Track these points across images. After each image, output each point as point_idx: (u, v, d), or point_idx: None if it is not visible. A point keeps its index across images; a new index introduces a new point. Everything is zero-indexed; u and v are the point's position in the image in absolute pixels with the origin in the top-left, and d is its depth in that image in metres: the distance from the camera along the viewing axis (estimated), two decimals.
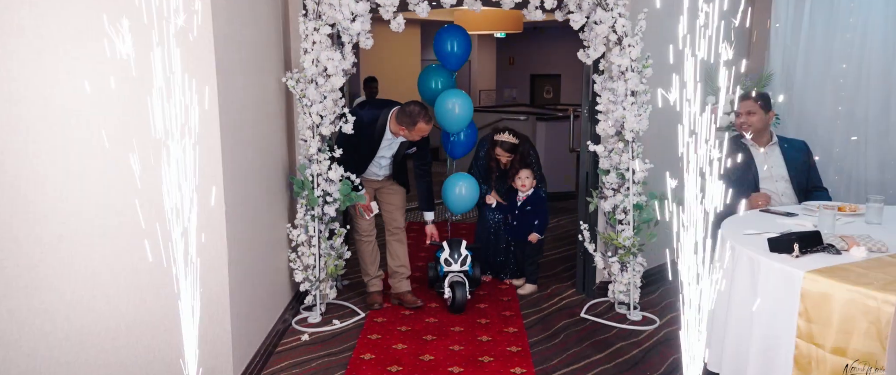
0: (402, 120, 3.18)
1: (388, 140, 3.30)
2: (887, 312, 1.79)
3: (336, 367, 2.82)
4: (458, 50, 4.03)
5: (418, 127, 3.16)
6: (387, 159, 3.38)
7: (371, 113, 3.28)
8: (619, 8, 3.13)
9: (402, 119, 3.19)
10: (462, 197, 3.85)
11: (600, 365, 2.85)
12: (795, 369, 2.01)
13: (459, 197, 3.86)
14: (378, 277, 3.59)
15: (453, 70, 4.15)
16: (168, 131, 1.67)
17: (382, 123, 3.26)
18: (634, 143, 3.20)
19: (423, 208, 3.58)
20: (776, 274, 2.11)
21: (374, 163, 3.37)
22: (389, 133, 3.27)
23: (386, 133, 3.27)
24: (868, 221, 2.61)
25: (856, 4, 3.71)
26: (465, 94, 4.02)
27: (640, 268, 3.32)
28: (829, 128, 3.89)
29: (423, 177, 3.50)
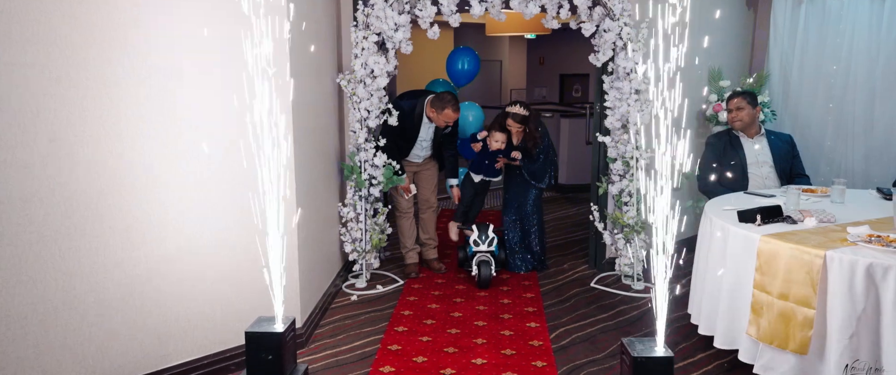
0: (435, 105, 3.80)
1: (426, 125, 3.91)
2: (817, 263, 2.26)
3: (380, 320, 3.40)
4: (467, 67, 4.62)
5: (445, 112, 3.77)
6: (427, 141, 3.99)
7: (410, 103, 3.90)
8: (624, 18, 3.62)
9: (435, 104, 3.81)
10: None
11: (603, 323, 3.35)
12: (752, 313, 2.49)
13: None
14: (414, 250, 4.16)
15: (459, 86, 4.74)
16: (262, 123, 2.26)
17: (420, 110, 3.87)
18: (638, 135, 3.68)
19: (448, 176, 4.20)
20: (740, 239, 2.60)
21: (417, 145, 3.97)
22: (426, 118, 3.88)
23: (423, 118, 3.88)
24: (832, 201, 3.06)
25: (844, 12, 4.11)
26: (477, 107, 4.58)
27: (643, 244, 3.81)
28: (820, 123, 4.30)
29: (449, 150, 4.11)
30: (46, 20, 2.11)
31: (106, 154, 2.30)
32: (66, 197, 2.22)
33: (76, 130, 2.21)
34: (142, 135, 2.39)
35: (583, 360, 2.91)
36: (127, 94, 2.33)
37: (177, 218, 2.54)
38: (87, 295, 2.32)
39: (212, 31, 2.51)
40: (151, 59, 2.38)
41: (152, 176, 2.44)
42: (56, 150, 2.17)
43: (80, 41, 2.19)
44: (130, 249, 2.41)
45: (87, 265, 2.30)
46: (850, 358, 2.20)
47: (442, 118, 3.80)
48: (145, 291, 2.48)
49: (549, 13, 3.78)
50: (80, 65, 2.20)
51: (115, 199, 2.35)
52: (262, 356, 2.39)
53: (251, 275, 2.74)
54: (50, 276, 2.21)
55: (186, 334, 2.62)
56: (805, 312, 2.31)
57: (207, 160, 2.59)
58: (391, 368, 2.82)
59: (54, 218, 2.19)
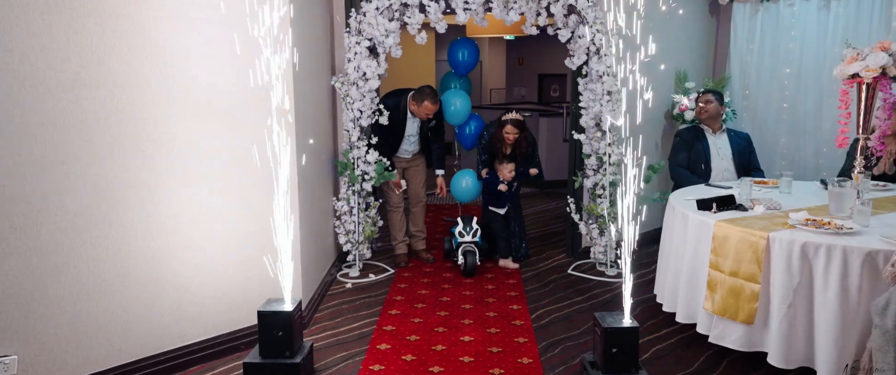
0: (416, 98, 4.07)
1: (411, 120, 4.19)
2: (762, 244, 2.60)
3: (375, 304, 3.67)
4: (467, 58, 4.86)
5: (424, 105, 4.03)
6: (414, 136, 4.25)
7: (394, 100, 4.17)
8: (597, 25, 3.95)
9: (415, 97, 4.08)
10: (466, 188, 4.62)
11: (579, 305, 3.67)
12: (708, 290, 2.83)
13: (465, 189, 4.62)
14: (403, 241, 4.44)
15: (462, 75, 4.96)
16: (271, 126, 2.53)
17: (404, 106, 4.14)
18: (609, 133, 4.01)
19: (435, 166, 4.44)
20: (698, 224, 2.93)
21: (405, 140, 4.23)
22: (410, 114, 4.15)
23: (408, 114, 4.15)
24: (781, 191, 3.42)
25: (796, 19, 4.50)
26: (464, 94, 4.78)
27: (615, 234, 4.14)
28: (776, 121, 4.68)
29: (436, 142, 4.37)
30: (80, 27, 2.34)
31: (131, 151, 2.54)
32: (96, 190, 2.45)
33: (104, 129, 2.45)
34: (164, 134, 2.63)
35: (561, 336, 3.22)
36: (150, 97, 2.57)
37: (193, 210, 2.78)
38: (114, 279, 2.55)
39: (225, 41, 2.76)
40: (171, 65, 2.63)
41: (172, 171, 2.69)
42: (88, 148, 2.41)
43: (104, 49, 2.43)
44: (151, 238, 2.65)
45: (113, 252, 2.54)
46: (789, 325, 2.55)
47: (422, 111, 4.05)
48: (164, 276, 2.72)
49: (529, 20, 4.09)
50: (108, 71, 2.43)
51: (138, 192, 2.59)
52: (273, 332, 2.66)
53: (258, 263, 2.99)
54: (82, 262, 2.44)
55: (201, 315, 2.87)
56: (751, 287, 2.65)
57: (220, 158, 2.84)
58: (387, 345, 3.10)
59: (85, 209, 2.43)
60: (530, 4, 4.02)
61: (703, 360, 2.91)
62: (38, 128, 2.27)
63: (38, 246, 2.31)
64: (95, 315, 2.51)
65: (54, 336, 2.40)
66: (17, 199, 2.25)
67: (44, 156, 2.29)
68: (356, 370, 2.83)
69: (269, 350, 2.66)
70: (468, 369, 2.85)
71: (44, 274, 2.34)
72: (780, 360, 2.59)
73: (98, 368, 2.54)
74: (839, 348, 2.43)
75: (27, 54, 2.21)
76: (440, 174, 4.46)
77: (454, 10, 4.05)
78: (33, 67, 2.23)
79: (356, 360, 2.93)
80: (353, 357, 2.96)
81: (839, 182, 2.88)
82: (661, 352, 3.01)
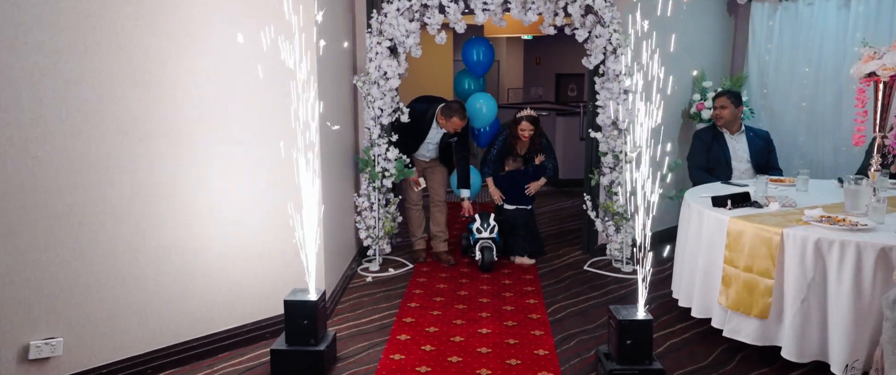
0: (445, 113, 4.15)
1: (435, 129, 4.27)
2: (776, 239, 2.65)
3: (394, 297, 3.77)
4: (482, 58, 4.94)
5: (452, 120, 4.12)
6: (433, 144, 4.34)
7: (424, 106, 4.26)
8: (614, 25, 4.00)
9: (444, 112, 4.15)
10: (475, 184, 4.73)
11: (594, 300, 3.74)
12: (722, 285, 2.88)
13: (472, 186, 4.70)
14: (422, 238, 4.53)
15: (480, 75, 5.05)
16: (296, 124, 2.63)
17: (431, 115, 4.23)
18: (626, 131, 4.06)
19: (459, 186, 4.47)
20: (713, 221, 2.98)
21: (424, 145, 4.33)
22: (436, 123, 4.23)
23: (433, 123, 4.24)
24: (797, 189, 3.45)
25: (814, 18, 4.51)
26: (491, 97, 4.90)
27: (631, 231, 4.19)
28: (794, 120, 4.69)
29: (461, 162, 4.41)
30: (120, 29, 2.47)
31: (164, 148, 2.67)
32: (132, 185, 2.58)
33: (140, 127, 2.58)
34: (195, 132, 2.76)
35: (576, 330, 3.29)
36: (181, 96, 2.70)
37: (221, 205, 2.90)
38: (148, 267, 2.68)
39: (256, 42, 2.88)
40: (203, 63, 2.75)
41: (202, 168, 2.81)
42: (126, 144, 2.54)
43: (142, 50, 2.56)
44: (183, 229, 2.78)
45: (148, 242, 2.67)
46: (802, 319, 2.59)
47: (450, 125, 4.14)
48: (195, 266, 2.85)
49: (546, 20, 4.16)
50: (145, 72, 2.56)
51: (171, 186, 2.71)
52: (298, 321, 2.77)
53: (283, 255, 3.10)
54: (119, 251, 2.58)
55: (229, 304, 2.99)
56: (765, 282, 2.69)
57: (248, 155, 2.96)
58: (407, 336, 3.19)
59: (123, 202, 2.56)
60: (548, 5, 4.09)
61: (718, 354, 2.96)
62: (81, 126, 2.40)
63: (80, 236, 2.45)
64: (132, 302, 2.64)
65: (94, 321, 2.54)
66: (63, 192, 2.38)
67: (86, 152, 2.43)
68: (377, 358, 2.93)
69: (295, 338, 2.77)
70: (485, 359, 2.93)
71: (85, 263, 2.48)
72: (794, 354, 2.63)
73: (135, 352, 2.68)
74: (852, 343, 2.47)
75: (72, 55, 2.35)
76: (466, 197, 4.46)
77: (473, 10, 4.13)
78: (78, 67, 2.37)
79: (377, 349, 3.03)
80: (375, 347, 3.06)
81: (855, 179, 2.91)
82: (675, 346, 3.07)
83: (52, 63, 2.30)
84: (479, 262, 4.23)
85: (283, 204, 3.01)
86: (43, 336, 2.40)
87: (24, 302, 2.34)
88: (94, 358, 2.56)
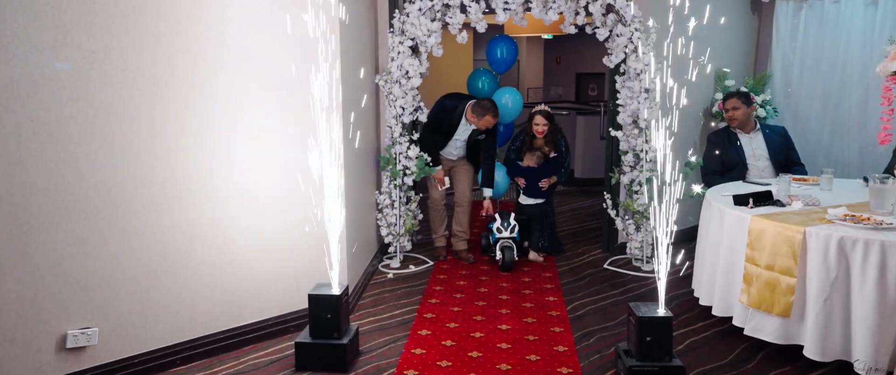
0: (476, 110, 4.13)
1: (464, 126, 4.26)
2: (798, 238, 2.64)
3: (415, 293, 3.82)
4: (506, 55, 4.97)
5: (485, 118, 4.11)
6: (461, 141, 4.34)
7: (453, 103, 4.26)
8: (635, 24, 4.01)
9: (475, 110, 4.13)
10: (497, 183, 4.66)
11: (614, 298, 3.75)
12: (743, 283, 2.87)
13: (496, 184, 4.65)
14: (443, 236, 4.57)
15: (501, 72, 5.07)
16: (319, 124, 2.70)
17: (461, 112, 4.22)
18: (646, 130, 4.06)
19: (483, 185, 4.44)
20: (734, 219, 2.98)
21: (451, 143, 4.33)
22: (465, 120, 4.23)
23: (462, 120, 4.24)
24: (822, 188, 3.42)
25: (841, 16, 4.45)
26: (516, 92, 4.94)
27: (650, 230, 4.18)
28: (819, 119, 4.64)
29: (487, 161, 4.38)
30: (154, 29, 2.56)
31: (196, 145, 2.75)
32: (163, 180, 2.67)
33: (171, 123, 2.66)
34: (222, 129, 2.84)
35: (596, 327, 3.31)
36: (210, 93, 2.78)
37: (249, 201, 2.98)
38: (178, 262, 2.77)
39: (280, 43, 2.95)
40: (234, 66, 2.83)
41: (232, 165, 2.89)
42: (158, 141, 2.63)
43: (173, 49, 2.64)
44: (211, 225, 2.86)
45: (178, 236, 2.75)
46: (825, 318, 2.58)
47: (482, 123, 4.12)
48: (223, 261, 2.93)
49: (567, 19, 4.17)
50: (175, 70, 2.65)
51: (201, 183, 2.80)
52: (322, 314, 2.83)
53: (307, 251, 3.17)
54: (152, 245, 2.67)
55: (254, 298, 3.07)
56: (787, 280, 2.68)
57: (274, 152, 3.03)
58: (427, 331, 3.24)
59: (155, 196, 2.65)
60: (569, 3, 4.10)
61: (739, 352, 2.96)
62: (115, 122, 2.50)
63: (114, 231, 2.54)
64: (163, 294, 2.73)
65: (128, 312, 2.63)
66: (98, 186, 2.48)
67: (121, 148, 2.52)
68: (399, 353, 2.98)
69: (319, 331, 2.83)
70: (505, 355, 2.96)
71: (120, 255, 2.57)
72: (817, 353, 2.62)
73: (165, 343, 2.77)
74: (876, 342, 2.46)
75: (108, 55, 2.44)
76: (488, 195, 4.43)
77: (494, 10, 4.17)
78: (113, 67, 2.46)
79: (398, 344, 3.09)
80: (396, 342, 3.12)
81: (880, 178, 2.88)
82: (696, 344, 3.07)
83: (88, 62, 2.39)
84: (500, 262, 4.23)
85: (307, 202, 3.08)
86: (79, 325, 2.50)
87: (61, 293, 2.44)
88: (127, 348, 2.65)
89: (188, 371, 2.80)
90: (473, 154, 4.45)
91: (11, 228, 2.29)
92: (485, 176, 4.43)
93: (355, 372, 2.81)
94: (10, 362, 2.35)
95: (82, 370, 2.53)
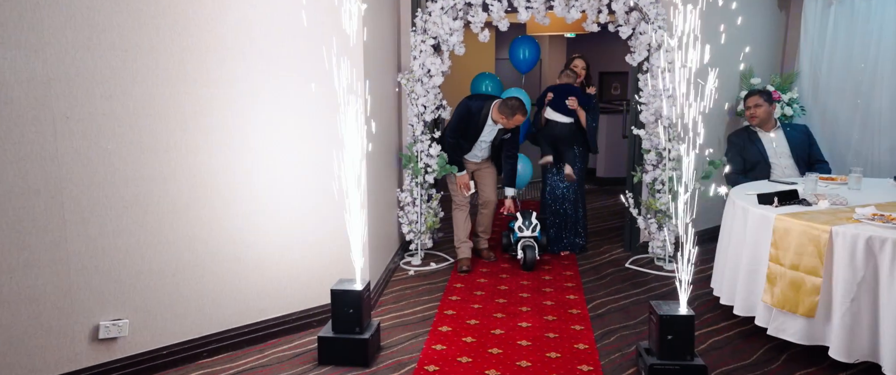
0: (503, 111, 3.99)
1: (490, 127, 4.14)
2: (824, 237, 2.60)
3: (436, 290, 3.85)
4: (529, 56, 4.97)
5: (515, 118, 4.00)
6: (487, 142, 4.23)
7: (478, 104, 4.14)
8: (658, 21, 3.98)
9: (503, 110, 3.99)
10: (520, 174, 4.67)
11: (635, 296, 3.73)
12: (767, 283, 2.84)
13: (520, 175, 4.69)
14: (466, 244, 4.32)
15: (524, 72, 5.07)
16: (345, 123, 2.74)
17: (486, 113, 4.10)
18: (669, 128, 4.03)
19: (505, 184, 4.37)
20: (758, 218, 2.94)
21: (477, 145, 4.20)
22: (491, 121, 4.11)
23: (488, 120, 4.11)
24: (849, 187, 3.36)
25: (872, 13, 4.35)
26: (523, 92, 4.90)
27: (673, 228, 4.15)
28: (849, 118, 4.54)
29: (509, 159, 4.32)
30: (183, 29, 2.63)
31: (224, 143, 2.81)
32: (191, 176, 2.74)
33: (200, 121, 2.73)
34: (252, 128, 2.90)
35: (617, 325, 3.30)
36: (237, 92, 2.84)
37: (274, 198, 3.04)
38: (206, 257, 2.84)
39: (305, 41, 3.00)
40: (259, 65, 2.89)
41: (258, 162, 2.95)
42: (186, 138, 2.70)
43: (203, 48, 2.71)
44: (237, 220, 2.92)
45: (206, 232, 2.82)
46: (852, 319, 2.53)
47: (512, 122, 4.03)
48: (249, 256, 2.99)
49: (590, 17, 4.16)
50: (204, 69, 2.72)
51: (228, 179, 2.86)
52: (344, 309, 2.88)
53: (330, 247, 3.22)
54: (180, 240, 2.74)
55: (278, 293, 3.13)
56: (813, 280, 2.65)
57: (299, 150, 3.09)
58: (448, 328, 3.27)
59: (183, 192, 2.72)
60: (592, 2, 4.09)
61: (762, 353, 2.92)
62: (145, 120, 2.57)
63: (145, 224, 2.62)
64: (191, 288, 2.80)
65: (157, 305, 2.71)
66: (129, 182, 2.55)
67: (152, 145, 2.59)
68: (419, 348, 3.02)
69: (341, 326, 2.88)
70: (526, 352, 2.97)
71: (149, 249, 2.65)
72: (843, 354, 2.58)
73: (193, 335, 2.84)
74: None
75: (138, 54, 2.51)
76: (510, 195, 4.37)
77: (516, 8, 4.17)
78: (143, 65, 2.53)
79: (419, 340, 3.12)
80: (417, 337, 3.15)
81: None
82: (718, 344, 3.04)
83: (120, 61, 2.47)
84: (521, 261, 4.22)
85: (330, 199, 3.13)
86: (111, 317, 2.58)
87: (95, 285, 2.52)
88: (156, 340, 2.73)
89: (214, 363, 2.87)
90: (496, 155, 4.39)
91: (47, 222, 2.37)
92: (506, 175, 4.37)
93: (377, 367, 2.85)
94: (47, 350, 2.43)
95: (113, 360, 2.61)
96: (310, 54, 3.01)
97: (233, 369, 2.82)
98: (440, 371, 2.79)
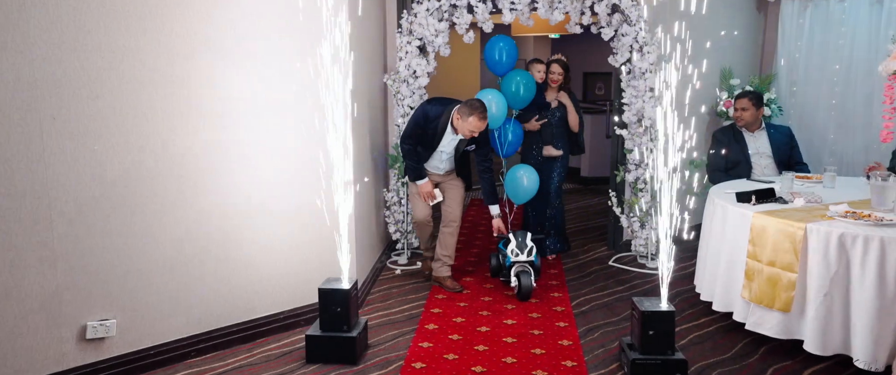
0: (462, 111, 3.48)
1: (449, 135, 3.63)
2: (799, 234, 2.68)
3: (422, 289, 3.89)
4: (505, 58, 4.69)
5: (469, 120, 3.44)
6: (447, 154, 3.71)
7: (437, 108, 3.63)
8: (640, 23, 4.05)
9: (461, 110, 3.49)
10: (524, 187, 4.11)
11: (618, 294, 3.80)
12: (745, 279, 2.92)
13: (526, 188, 4.12)
14: (429, 249, 4.01)
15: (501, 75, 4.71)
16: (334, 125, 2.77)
17: (445, 120, 3.60)
18: (651, 128, 4.11)
19: (488, 202, 3.81)
20: (737, 216, 3.02)
21: (435, 155, 3.70)
22: (451, 128, 3.61)
23: (448, 129, 3.61)
24: (824, 185, 3.46)
25: (846, 15, 4.48)
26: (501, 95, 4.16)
27: (655, 227, 4.22)
28: (824, 118, 4.67)
29: (485, 173, 3.78)
30: (170, 31, 2.64)
31: (211, 142, 2.83)
32: (179, 178, 2.75)
33: (187, 122, 2.74)
34: (239, 128, 2.91)
35: (600, 322, 3.36)
36: (224, 94, 2.86)
37: (261, 198, 3.05)
38: (193, 257, 2.85)
39: (293, 41, 3.02)
40: (246, 66, 2.91)
41: (245, 161, 2.97)
42: (174, 139, 2.71)
43: (189, 49, 2.72)
44: (225, 220, 2.94)
45: (193, 233, 2.83)
46: (825, 313, 2.62)
47: (466, 126, 3.48)
48: (236, 256, 3.01)
49: (573, 19, 4.22)
50: (192, 70, 2.73)
51: (215, 180, 2.87)
52: (332, 308, 2.91)
53: (318, 247, 3.24)
54: (167, 241, 2.75)
55: (266, 292, 3.15)
56: (788, 276, 2.73)
57: (287, 153, 3.11)
58: (435, 325, 3.31)
59: (170, 194, 2.73)
60: (575, 4, 4.15)
61: (740, 347, 3.00)
62: (132, 120, 2.58)
63: (132, 225, 2.63)
64: (179, 288, 2.82)
65: (145, 305, 2.72)
66: (116, 183, 2.56)
67: (139, 146, 2.60)
68: (407, 346, 3.05)
69: (329, 325, 2.91)
70: (511, 348, 3.02)
71: (136, 249, 2.66)
72: (817, 347, 2.66)
73: (181, 335, 2.85)
74: (875, 336, 2.50)
75: (126, 55, 2.52)
76: (496, 214, 3.79)
77: (500, 10, 4.22)
78: (130, 66, 2.54)
79: (406, 338, 3.15)
80: (404, 335, 3.18)
81: (881, 175, 2.92)
82: (698, 339, 3.12)
83: (107, 62, 2.48)
84: (516, 289, 3.67)
85: (317, 199, 3.15)
86: (98, 317, 2.59)
87: (82, 285, 2.53)
88: (144, 340, 2.74)
89: (202, 362, 2.88)
90: (463, 168, 3.86)
91: (34, 222, 2.37)
92: (486, 193, 3.82)
93: (364, 365, 2.88)
94: (34, 350, 2.44)
95: (101, 360, 2.62)
96: (297, 55, 3.03)
97: (221, 368, 2.84)
98: (427, 368, 2.83)
